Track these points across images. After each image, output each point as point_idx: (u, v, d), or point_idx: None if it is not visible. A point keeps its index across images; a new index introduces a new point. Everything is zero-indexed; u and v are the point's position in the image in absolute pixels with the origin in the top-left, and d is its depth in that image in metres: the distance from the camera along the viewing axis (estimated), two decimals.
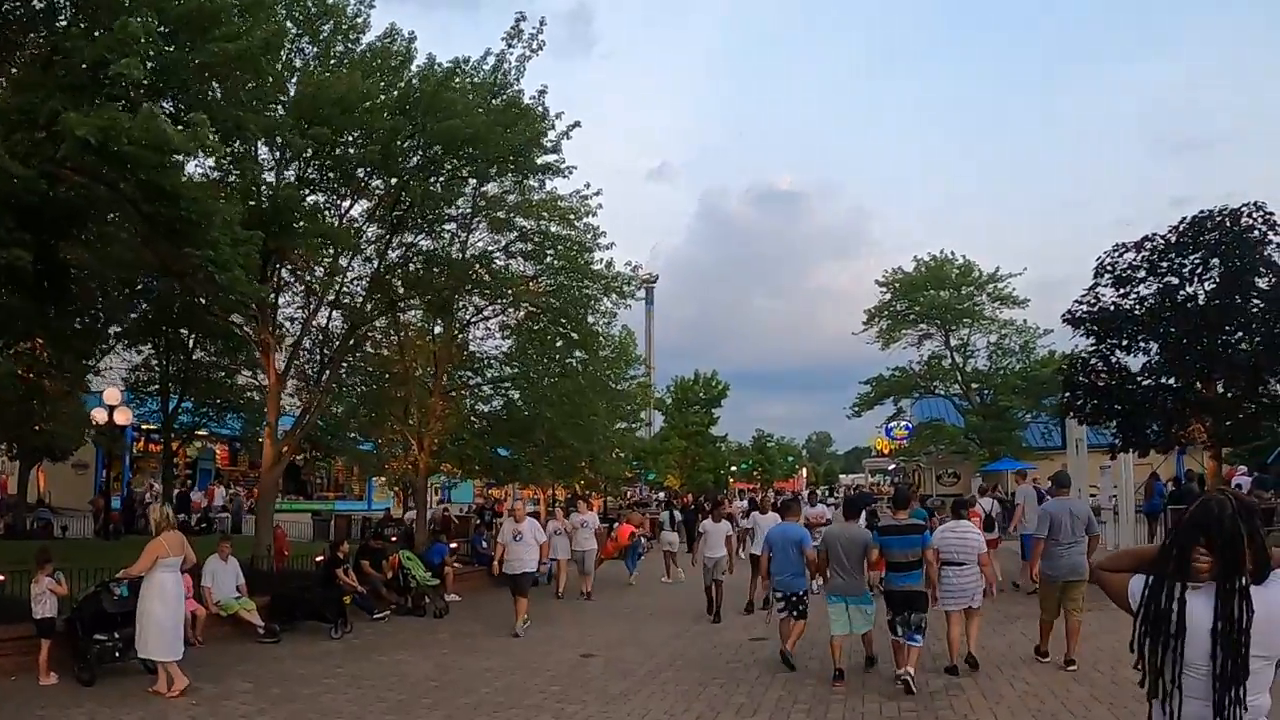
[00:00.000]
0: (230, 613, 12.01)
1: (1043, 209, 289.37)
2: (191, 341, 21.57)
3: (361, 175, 14.89)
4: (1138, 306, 14.69)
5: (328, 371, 17.79)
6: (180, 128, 9.60)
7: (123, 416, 20.40)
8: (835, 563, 8.58)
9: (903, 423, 42.96)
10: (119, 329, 19.98)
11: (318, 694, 9.02)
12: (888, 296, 36.32)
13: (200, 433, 25.66)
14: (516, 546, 12.78)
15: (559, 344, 20.37)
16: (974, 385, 35.56)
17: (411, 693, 9.01)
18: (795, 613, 9.40)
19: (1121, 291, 14.78)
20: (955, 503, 9.83)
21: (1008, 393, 33.01)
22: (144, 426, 26.68)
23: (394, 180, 14.84)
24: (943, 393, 37.15)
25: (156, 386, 22.22)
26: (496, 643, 11.92)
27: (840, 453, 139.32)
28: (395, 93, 14.58)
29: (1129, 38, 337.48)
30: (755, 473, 77.50)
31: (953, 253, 35.95)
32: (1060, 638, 8.94)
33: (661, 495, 44.59)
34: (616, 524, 22.87)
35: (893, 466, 54.65)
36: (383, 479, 30.33)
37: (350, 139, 14.22)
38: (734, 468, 61.83)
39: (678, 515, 23.09)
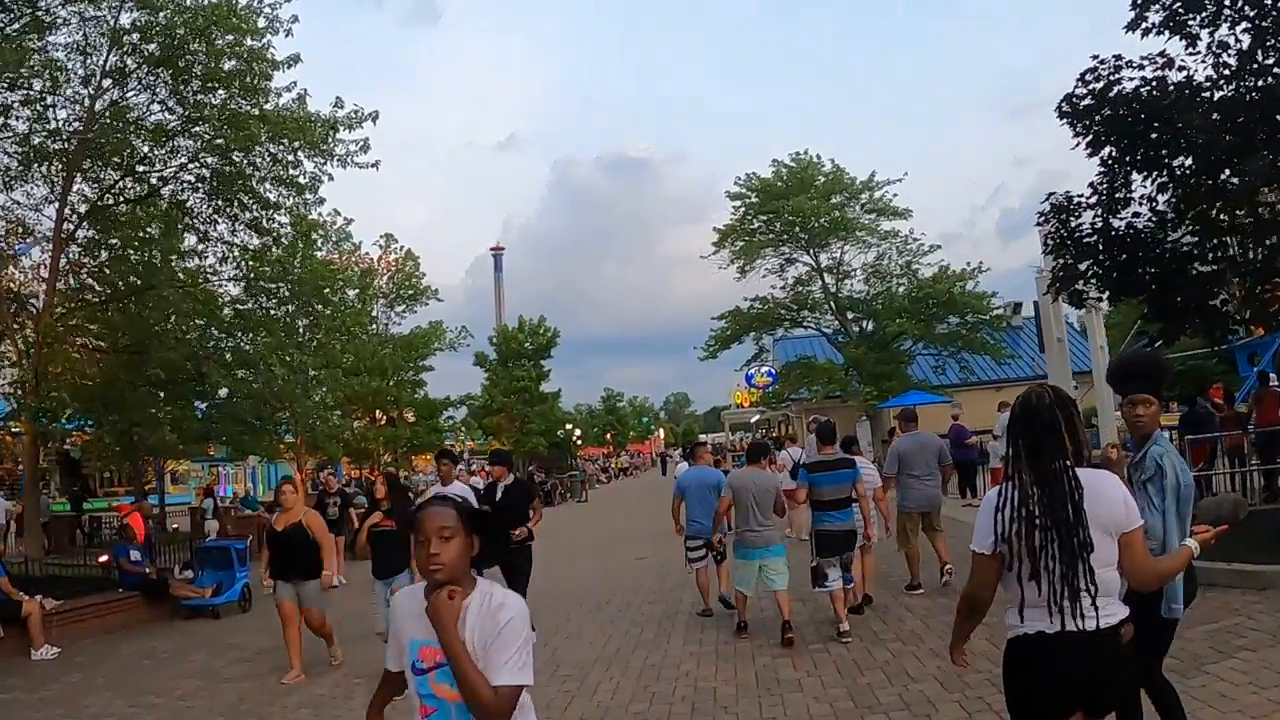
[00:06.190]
0: None
1: (893, 171, 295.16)
2: None
3: None
4: (1211, 76, 7.76)
5: None
6: None
7: None
8: (744, 513, 7.60)
9: (764, 368, 36.60)
10: None
11: None
12: (742, 211, 29.69)
13: None
14: None
15: (216, 223, 12.36)
16: (850, 314, 29.30)
17: None
18: (716, 556, 8.81)
19: (1186, 46, 7.75)
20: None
21: (893, 316, 26.67)
22: None
23: None
24: (813, 327, 30.81)
25: None
26: None
27: (699, 412, 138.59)
28: None
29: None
30: (607, 435, 71.45)
31: (818, 155, 29.45)
32: (932, 561, 8.80)
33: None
34: None
35: (756, 419, 48.45)
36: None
37: None
38: (578, 430, 54.24)
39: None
